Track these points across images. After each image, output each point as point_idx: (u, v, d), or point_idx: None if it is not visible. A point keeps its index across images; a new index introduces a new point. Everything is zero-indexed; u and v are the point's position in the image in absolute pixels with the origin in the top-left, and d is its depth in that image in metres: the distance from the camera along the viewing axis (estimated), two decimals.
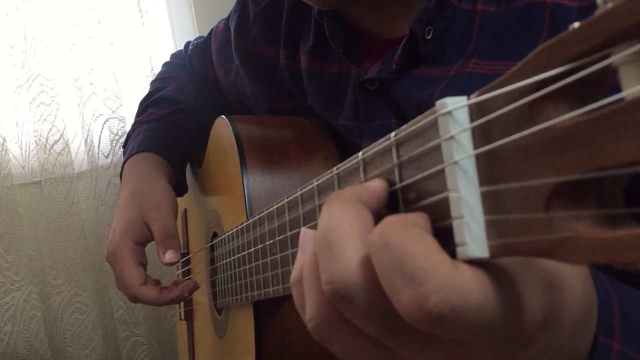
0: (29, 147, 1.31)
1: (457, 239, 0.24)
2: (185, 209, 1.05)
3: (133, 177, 0.86)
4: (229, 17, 0.89)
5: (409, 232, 0.24)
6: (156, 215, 0.80)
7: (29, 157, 1.31)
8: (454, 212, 0.24)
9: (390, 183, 0.30)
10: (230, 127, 0.77)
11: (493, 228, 0.23)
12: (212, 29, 0.95)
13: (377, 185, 0.30)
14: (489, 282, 0.24)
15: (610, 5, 0.18)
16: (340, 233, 0.27)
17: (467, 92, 0.25)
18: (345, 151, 0.75)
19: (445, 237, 0.25)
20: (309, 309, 0.29)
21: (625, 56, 0.18)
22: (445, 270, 0.23)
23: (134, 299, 0.79)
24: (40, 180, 1.32)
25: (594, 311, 0.32)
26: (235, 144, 0.74)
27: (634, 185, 0.18)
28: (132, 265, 0.78)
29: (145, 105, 0.99)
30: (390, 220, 0.25)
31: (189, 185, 1.00)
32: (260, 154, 0.74)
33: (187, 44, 1.05)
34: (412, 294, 0.22)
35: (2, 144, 1.29)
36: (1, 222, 1.34)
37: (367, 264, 0.25)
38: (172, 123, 0.95)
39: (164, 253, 0.78)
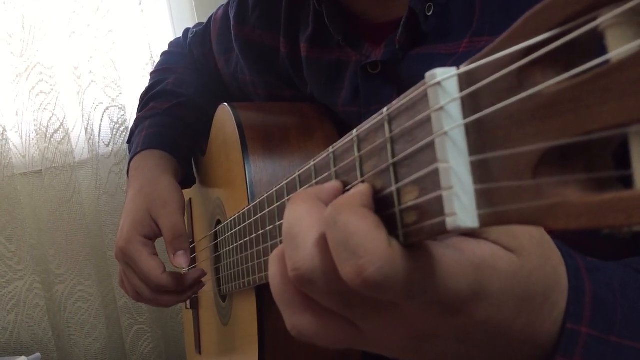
0: (29, 137, 1.31)
1: (447, 209, 0.24)
2: (190, 198, 1.05)
3: (139, 175, 0.86)
4: (228, 3, 0.88)
5: (354, 212, 0.28)
6: (163, 212, 0.80)
7: (30, 147, 1.31)
8: (443, 183, 0.24)
9: (382, 161, 0.30)
10: (232, 114, 0.77)
11: (483, 197, 0.23)
12: (211, 16, 0.95)
13: (333, 185, 0.34)
14: (417, 256, 0.28)
15: None
16: (301, 227, 0.31)
17: None
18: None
19: (435, 208, 0.25)
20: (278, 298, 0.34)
21: (611, 18, 0.18)
22: (381, 246, 0.27)
23: (157, 288, 0.78)
24: (41, 170, 1.32)
25: (555, 293, 0.34)
26: (237, 131, 0.74)
27: (623, 150, 0.18)
28: (148, 255, 0.78)
29: (146, 100, 0.98)
30: (341, 201, 0.29)
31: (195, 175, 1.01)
32: (261, 141, 0.74)
33: (186, 31, 1.05)
34: (353, 264, 0.27)
35: (2, 134, 1.30)
36: (3, 211, 1.34)
37: (325, 251, 0.29)
38: (175, 116, 0.94)
39: (174, 254, 0.78)
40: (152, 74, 1.05)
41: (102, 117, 1.31)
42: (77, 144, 1.32)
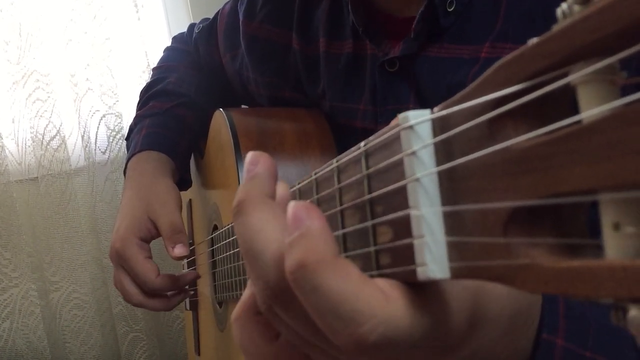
0: (25, 144, 1.30)
1: (418, 258, 0.23)
2: (190, 200, 1.05)
3: (137, 176, 0.85)
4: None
5: (334, 271, 0.23)
6: (162, 211, 0.79)
7: (26, 154, 1.31)
8: (415, 230, 0.23)
9: (359, 195, 0.29)
10: (227, 121, 0.76)
11: (454, 250, 0.22)
12: (218, 11, 0.93)
13: (264, 168, 0.30)
14: (419, 304, 0.25)
15: (568, 21, 0.17)
16: (262, 242, 0.27)
17: None
18: (348, 140, 0.73)
19: (407, 255, 0.24)
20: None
21: (583, 75, 0.17)
22: (379, 306, 0.23)
23: (151, 292, 0.77)
24: (37, 177, 1.31)
25: (534, 309, 0.32)
26: (232, 139, 0.74)
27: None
28: (143, 259, 0.77)
29: (147, 98, 0.97)
30: (311, 258, 0.24)
31: (193, 176, 1.00)
32: (256, 148, 0.73)
33: (192, 26, 1.03)
34: (350, 334, 0.23)
35: None
36: None
37: None
38: (175, 117, 0.93)
39: (173, 248, 0.77)
40: (154, 69, 1.04)
41: (99, 124, 1.30)
42: (73, 152, 1.32)
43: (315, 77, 0.76)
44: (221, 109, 0.80)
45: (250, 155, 0.30)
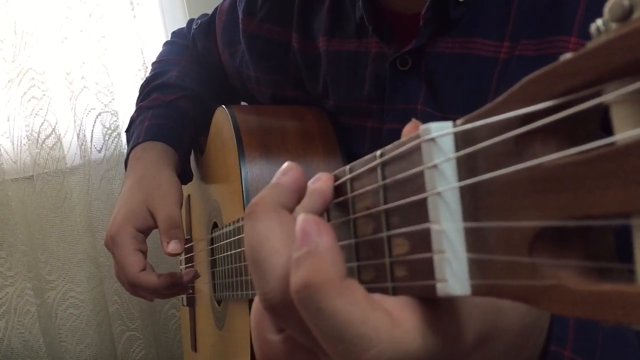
0: (20, 142, 1.29)
1: (438, 274, 0.23)
2: (189, 195, 1.04)
3: (139, 166, 0.84)
4: None
5: (341, 293, 0.23)
6: (162, 204, 0.78)
7: (21, 152, 1.30)
8: (435, 245, 0.23)
9: (374, 205, 0.29)
10: (230, 118, 0.76)
11: (475, 267, 0.22)
12: (217, 7, 0.92)
13: (293, 179, 0.30)
14: (430, 322, 0.24)
15: (603, 38, 0.17)
16: (266, 251, 0.26)
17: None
18: (352, 139, 0.73)
19: (425, 269, 0.24)
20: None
21: (618, 95, 0.17)
22: (385, 330, 0.23)
23: (133, 287, 0.76)
24: (33, 175, 1.30)
25: (543, 321, 0.32)
26: (234, 136, 0.73)
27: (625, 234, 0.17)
28: (131, 251, 0.76)
29: (149, 90, 0.96)
30: (317, 278, 0.23)
31: (193, 171, 1.00)
32: (259, 147, 0.73)
33: (190, 21, 1.02)
34: (355, 359, 0.23)
35: None
36: None
37: None
38: (178, 110, 0.92)
39: (167, 243, 0.76)
40: (153, 64, 1.03)
41: (95, 122, 1.29)
42: (69, 150, 1.31)
43: (315, 76, 0.75)
44: (223, 106, 0.80)
45: (285, 164, 0.31)
